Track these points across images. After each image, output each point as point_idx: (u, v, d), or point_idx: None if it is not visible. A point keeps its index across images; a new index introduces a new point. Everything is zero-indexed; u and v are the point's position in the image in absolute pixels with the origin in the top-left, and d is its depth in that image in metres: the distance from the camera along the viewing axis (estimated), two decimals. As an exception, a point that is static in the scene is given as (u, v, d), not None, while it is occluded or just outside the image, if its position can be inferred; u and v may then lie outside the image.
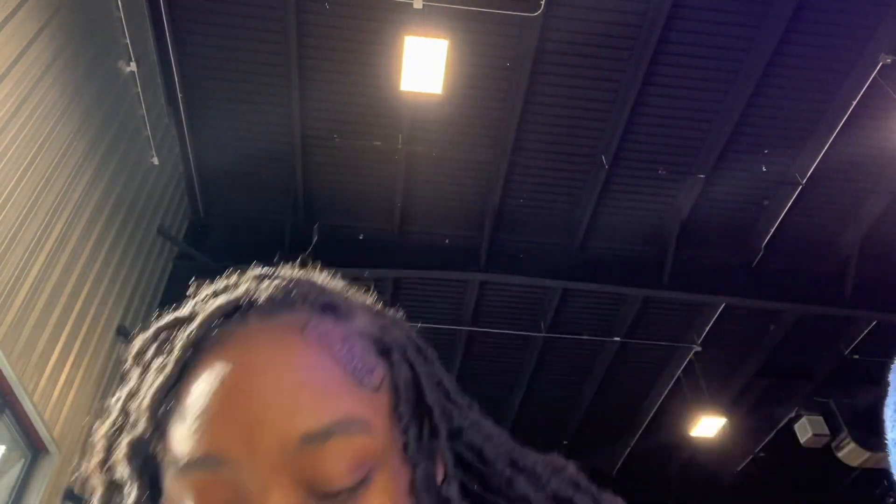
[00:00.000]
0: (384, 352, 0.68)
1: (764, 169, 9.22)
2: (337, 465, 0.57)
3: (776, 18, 7.56)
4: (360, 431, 0.59)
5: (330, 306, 0.68)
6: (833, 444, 12.75)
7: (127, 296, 7.72)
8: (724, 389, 12.65)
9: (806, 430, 12.68)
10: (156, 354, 0.65)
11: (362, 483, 0.58)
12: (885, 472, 0.86)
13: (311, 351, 0.61)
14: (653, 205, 9.66)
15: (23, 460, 6.26)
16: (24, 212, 5.47)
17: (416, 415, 0.66)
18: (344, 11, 7.51)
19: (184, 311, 0.68)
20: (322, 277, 0.77)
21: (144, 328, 0.70)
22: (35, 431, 6.08)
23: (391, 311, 0.80)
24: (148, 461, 0.62)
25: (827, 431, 12.59)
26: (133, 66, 7.19)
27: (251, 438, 0.56)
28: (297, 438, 0.56)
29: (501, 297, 10.93)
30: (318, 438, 0.57)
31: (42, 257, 5.80)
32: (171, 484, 0.58)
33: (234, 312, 0.64)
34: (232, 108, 8.40)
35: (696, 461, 14.54)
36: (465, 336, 11.46)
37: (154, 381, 0.62)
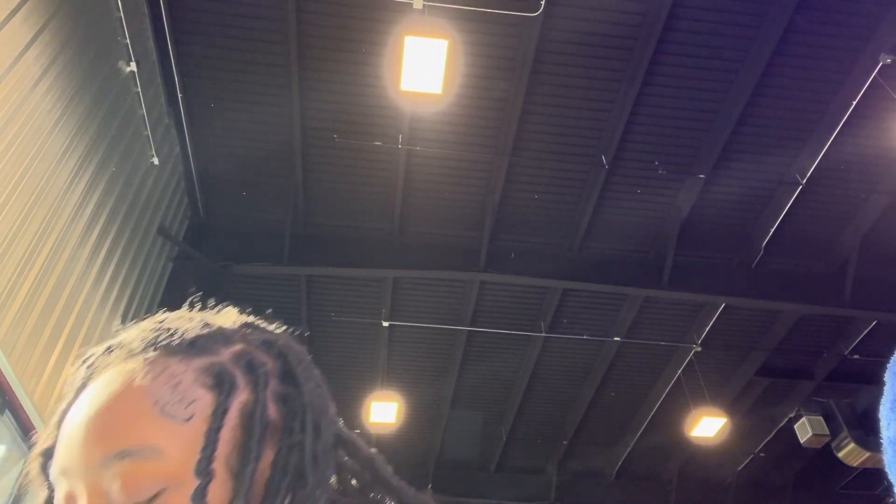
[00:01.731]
0: (218, 384, 0.77)
1: (764, 169, 9.22)
2: (125, 483, 0.69)
3: (776, 18, 7.56)
4: (150, 457, 0.71)
5: (177, 348, 0.79)
6: (833, 444, 12.74)
7: (127, 296, 7.72)
8: (724, 389, 12.65)
9: (806, 430, 12.66)
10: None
11: (153, 499, 0.70)
12: (885, 472, 0.86)
13: (132, 389, 0.74)
14: (653, 205, 9.66)
15: (23, 460, 6.27)
16: (24, 211, 5.47)
17: (240, 438, 0.76)
18: (344, 11, 7.52)
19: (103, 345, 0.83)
20: (195, 318, 0.85)
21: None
22: (35, 431, 6.08)
23: (268, 336, 0.88)
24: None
25: (827, 431, 12.57)
26: (133, 66, 7.19)
27: (77, 458, 0.72)
28: (99, 459, 0.71)
29: (501, 297, 10.93)
30: (112, 460, 0.70)
31: (42, 257, 5.80)
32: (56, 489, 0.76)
33: (110, 352, 0.80)
34: (232, 108, 8.40)
35: (696, 461, 14.54)
36: (465, 336, 11.45)
37: (61, 406, 0.80)
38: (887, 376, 0.88)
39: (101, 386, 0.75)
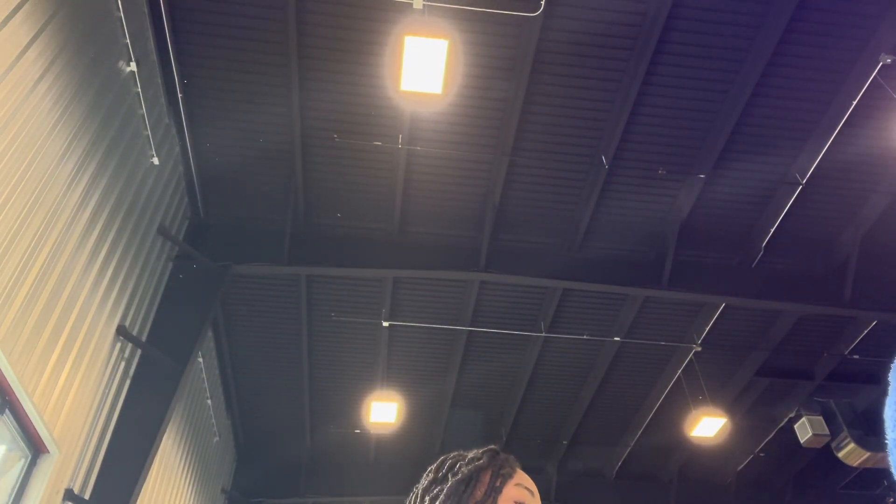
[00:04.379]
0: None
1: (764, 169, 9.22)
2: None
3: (776, 18, 7.56)
4: None
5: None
6: (833, 444, 12.75)
7: (127, 296, 7.72)
8: (724, 389, 12.66)
9: (806, 430, 12.67)
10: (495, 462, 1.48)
11: None
12: (885, 472, 0.86)
13: None
14: (653, 205, 9.66)
15: (23, 460, 6.27)
16: (24, 211, 5.47)
17: None
18: (344, 11, 7.52)
19: (485, 455, 1.48)
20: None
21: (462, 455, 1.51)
22: (35, 431, 6.08)
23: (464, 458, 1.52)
24: (499, 479, 1.42)
25: (827, 431, 12.58)
26: (133, 66, 7.19)
27: (536, 495, 1.44)
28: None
29: (501, 297, 10.93)
30: None
31: (42, 257, 5.80)
32: (512, 489, 1.40)
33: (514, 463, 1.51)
34: (232, 108, 8.40)
35: (696, 461, 14.54)
36: (465, 336, 11.46)
37: (512, 464, 1.47)
38: (891, 377, 0.87)
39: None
